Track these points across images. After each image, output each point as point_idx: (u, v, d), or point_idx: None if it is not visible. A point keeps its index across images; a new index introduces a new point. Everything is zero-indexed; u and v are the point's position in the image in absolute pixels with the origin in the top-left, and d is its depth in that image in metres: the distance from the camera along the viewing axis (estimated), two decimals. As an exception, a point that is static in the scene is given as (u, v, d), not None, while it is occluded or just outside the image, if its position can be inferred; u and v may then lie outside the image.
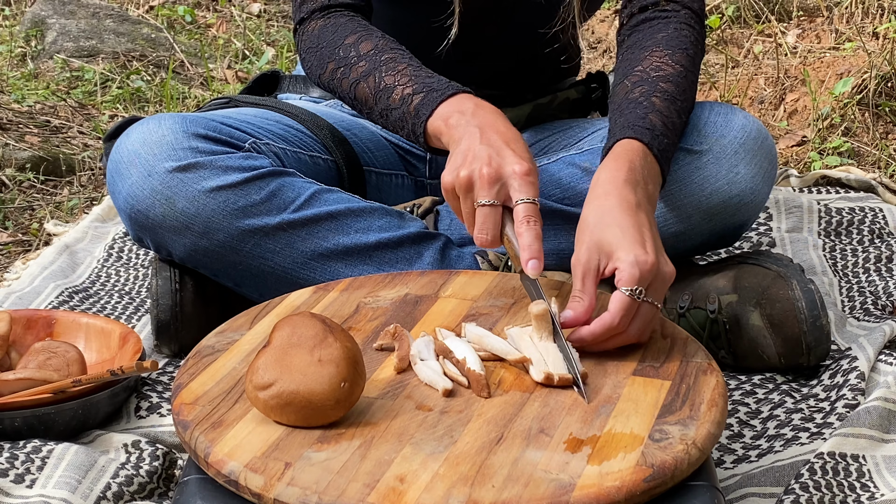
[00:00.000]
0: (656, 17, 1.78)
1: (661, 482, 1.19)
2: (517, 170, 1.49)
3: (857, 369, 1.68)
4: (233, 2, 4.14)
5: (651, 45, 1.73)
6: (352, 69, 1.73)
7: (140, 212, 1.72)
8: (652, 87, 1.66)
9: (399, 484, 1.17)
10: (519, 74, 1.99)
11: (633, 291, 1.41)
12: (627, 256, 1.42)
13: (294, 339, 1.29)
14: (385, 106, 1.69)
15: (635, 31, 1.78)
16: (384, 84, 1.69)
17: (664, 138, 1.61)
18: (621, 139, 1.58)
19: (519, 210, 1.47)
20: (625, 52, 1.77)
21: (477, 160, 1.51)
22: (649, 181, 1.55)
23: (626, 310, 1.40)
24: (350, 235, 1.75)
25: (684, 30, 1.76)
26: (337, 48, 1.76)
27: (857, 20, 3.30)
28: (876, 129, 2.85)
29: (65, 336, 1.77)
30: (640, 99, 1.65)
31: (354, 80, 1.73)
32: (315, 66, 1.79)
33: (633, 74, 1.70)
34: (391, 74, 1.69)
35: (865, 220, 2.32)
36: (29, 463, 1.47)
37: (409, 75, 1.68)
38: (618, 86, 1.70)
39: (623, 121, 1.62)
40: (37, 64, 3.54)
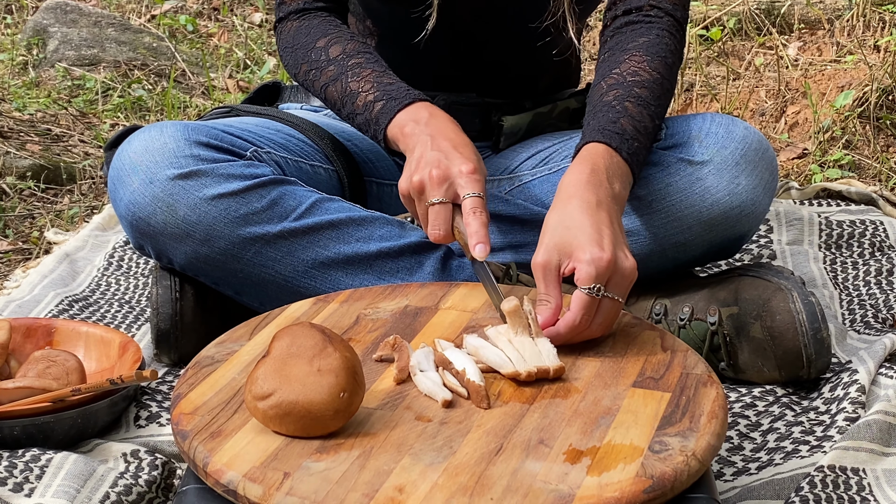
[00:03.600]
0: (639, 21, 1.80)
1: (660, 494, 1.19)
2: (463, 169, 1.60)
3: (857, 382, 1.68)
4: (234, 11, 4.15)
5: (631, 49, 1.76)
6: (322, 72, 1.81)
7: (141, 219, 1.72)
8: (626, 92, 1.70)
9: (398, 494, 1.16)
10: (518, 82, 2.00)
11: (591, 289, 1.46)
12: (584, 255, 1.48)
13: (293, 350, 1.29)
14: (350, 111, 1.78)
15: (617, 34, 1.81)
16: (349, 89, 1.77)
17: (634, 141, 1.64)
18: (588, 142, 1.63)
19: (466, 203, 1.58)
20: (605, 55, 1.79)
21: (427, 165, 1.62)
22: (615, 181, 1.59)
23: (586, 308, 1.46)
24: (351, 244, 1.75)
25: (665, 37, 1.78)
26: (309, 50, 1.83)
27: (859, 33, 3.31)
28: (877, 141, 2.85)
29: (64, 345, 1.77)
30: (614, 103, 1.68)
31: (324, 83, 1.80)
32: (291, 65, 1.87)
33: (610, 77, 1.73)
34: (356, 80, 1.77)
35: (866, 233, 2.32)
36: (28, 472, 1.47)
37: (373, 81, 1.76)
38: (595, 87, 1.74)
39: (594, 124, 1.66)
40: (38, 72, 3.54)
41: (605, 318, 1.48)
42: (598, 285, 1.47)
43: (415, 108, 1.71)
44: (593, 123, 1.66)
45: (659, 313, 1.77)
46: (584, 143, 1.64)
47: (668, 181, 1.78)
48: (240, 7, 4.18)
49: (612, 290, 1.48)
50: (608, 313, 1.48)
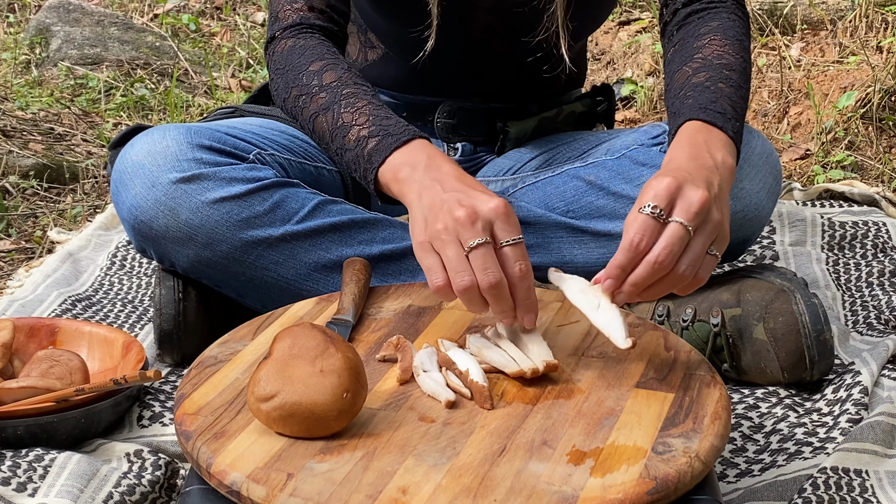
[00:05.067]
0: (704, 9, 1.77)
1: (663, 495, 1.19)
2: (493, 206, 1.40)
3: (860, 384, 1.68)
4: (237, 11, 4.15)
5: (707, 33, 1.71)
6: (312, 99, 1.65)
7: (143, 222, 1.72)
8: (717, 74, 1.62)
9: (401, 495, 1.16)
10: (525, 88, 1.99)
11: (647, 208, 1.35)
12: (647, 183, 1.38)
13: (295, 350, 1.29)
14: (340, 145, 1.61)
15: (684, 25, 1.77)
16: (341, 121, 1.61)
17: (736, 122, 1.56)
18: (691, 119, 1.54)
19: (508, 254, 1.39)
20: (678, 44, 1.74)
21: (446, 208, 1.41)
22: (717, 150, 1.49)
23: (642, 226, 1.35)
24: (353, 247, 1.75)
25: (736, 20, 1.75)
26: (301, 73, 1.68)
27: (861, 34, 3.31)
28: (879, 142, 2.85)
29: (68, 344, 1.77)
30: (707, 84, 1.60)
31: (314, 112, 1.65)
32: (281, 89, 1.71)
33: (694, 61, 1.66)
34: (349, 111, 1.61)
35: (869, 234, 2.32)
36: (31, 472, 1.47)
37: (368, 115, 1.60)
38: (676, 72, 1.66)
39: (692, 103, 1.57)
40: (41, 71, 3.54)
41: (670, 244, 1.35)
42: (654, 204, 1.35)
43: (412, 149, 1.54)
44: (690, 103, 1.57)
45: (662, 315, 1.77)
46: (686, 120, 1.54)
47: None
48: (242, 6, 4.18)
49: (676, 214, 1.36)
50: (673, 239, 1.36)
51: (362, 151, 1.57)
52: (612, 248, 1.79)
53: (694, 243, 1.38)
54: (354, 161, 1.59)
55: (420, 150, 1.53)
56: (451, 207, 1.40)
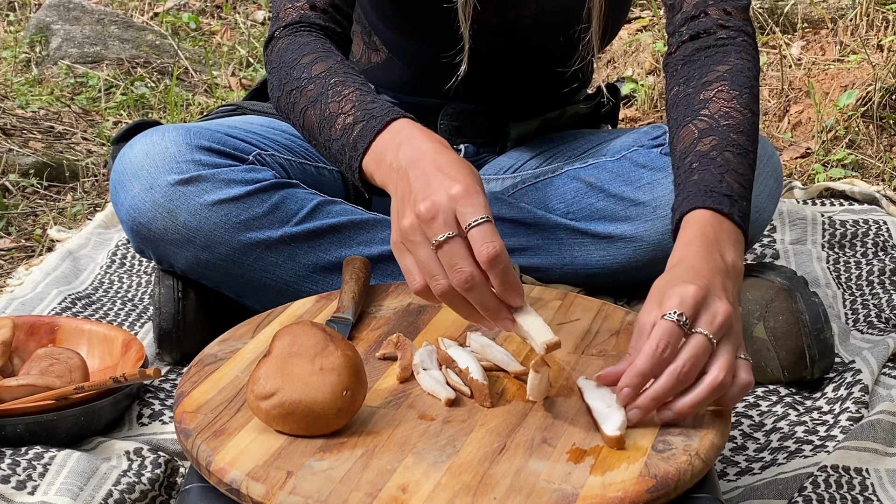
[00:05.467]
0: (711, 45, 1.64)
1: (663, 493, 1.19)
2: (453, 193, 1.30)
3: (860, 382, 1.68)
4: (237, 9, 4.15)
5: (714, 81, 1.59)
6: (302, 93, 1.58)
7: (142, 224, 1.72)
8: (724, 140, 1.50)
9: (401, 493, 1.16)
10: (530, 92, 1.99)
11: (672, 315, 1.26)
12: (671, 291, 1.29)
13: (295, 349, 1.29)
14: (328, 136, 1.54)
15: (689, 62, 1.64)
16: (328, 111, 1.53)
17: (743, 201, 1.45)
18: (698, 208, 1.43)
19: (474, 238, 1.29)
20: (683, 84, 1.61)
21: (411, 203, 1.33)
22: (727, 250, 1.39)
23: (665, 334, 1.25)
24: (353, 248, 1.75)
25: (746, 61, 1.62)
26: (293, 68, 1.61)
27: (862, 32, 3.30)
28: (880, 141, 2.85)
29: (67, 342, 1.77)
30: (713, 154, 1.49)
31: (304, 105, 1.57)
32: (275, 87, 1.64)
33: (700, 119, 1.54)
34: (336, 101, 1.53)
35: (869, 233, 2.32)
36: (31, 469, 1.47)
37: (354, 101, 1.52)
38: (682, 128, 1.55)
39: (698, 180, 1.46)
40: (41, 70, 3.54)
41: (695, 354, 1.26)
42: (681, 311, 1.26)
43: (394, 131, 1.45)
44: (695, 181, 1.46)
45: (662, 313, 1.76)
46: (692, 208, 1.43)
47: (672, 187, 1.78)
48: (242, 5, 4.18)
49: (700, 325, 1.27)
50: (697, 350, 1.26)
51: (348, 140, 1.49)
52: (611, 249, 1.80)
53: (721, 352, 1.29)
54: (341, 152, 1.51)
55: (402, 130, 1.44)
56: (415, 201, 1.33)
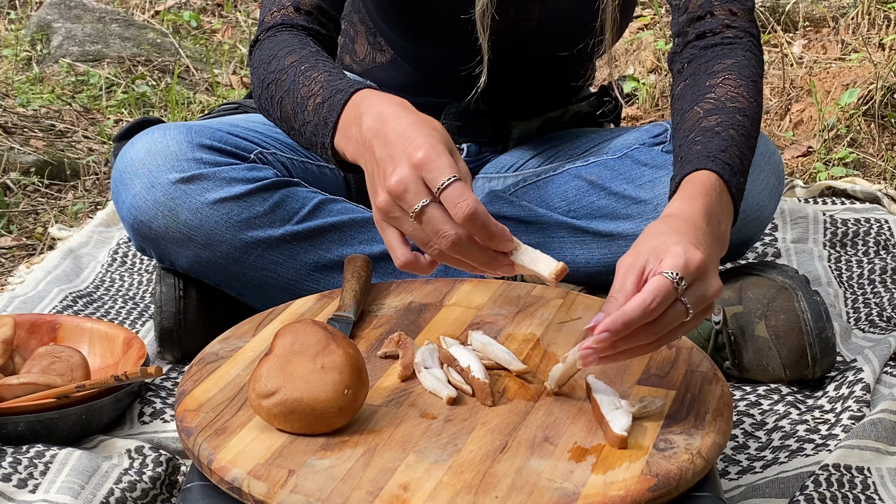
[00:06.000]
0: (719, 44, 1.65)
1: (665, 492, 1.19)
2: (416, 161, 1.29)
3: (862, 381, 1.68)
4: (238, 8, 4.15)
5: (721, 71, 1.60)
6: (277, 84, 1.56)
7: (143, 223, 1.72)
8: (729, 119, 1.52)
9: (402, 492, 1.16)
10: (534, 92, 1.99)
11: (673, 275, 1.24)
12: (677, 248, 1.26)
13: (296, 347, 1.29)
14: (301, 121, 1.51)
15: (696, 59, 1.65)
16: (299, 96, 1.52)
17: (741, 177, 1.47)
18: (700, 169, 1.44)
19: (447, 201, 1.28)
20: (689, 79, 1.63)
21: (380, 177, 1.33)
22: (723, 218, 1.40)
23: (661, 293, 1.23)
24: (354, 246, 1.75)
25: (751, 59, 1.63)
26: (269, 63, 1.60)
27: (864, 31, 3.30)
28: (881, 140, 2.85)
29: (69, 341, 1.77)
30: (718, 129, 1.50)
31: (279, 96, 1.56)
32: (255, 86, 1.63)
33: (706, 101, 1.55)
34: (306, 85, 1.52)
35: (871, 232, 2.31)
36: (32, 468, 1.47)
37: (322, 82, 1.50)
38: (687, 112, 1.56)
39: (700, 149, 1.47)
40: (42, 68, 3.54)
41: (669, 323, 1.25)
42: (681, 275, 1.24)
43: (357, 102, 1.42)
44: (699, 149, 1.47)
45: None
46: (694, 169, 1.44)
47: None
48: (243, 3, 4.18)
49: (689, 295, 1.25)
50: (673, 318, 1.25)
51: (319, 119, 1.47)
52: (612, 248, 1.79)
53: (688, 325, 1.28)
54: (314, 132, 1.48)
55: (362, 100, 1.42)
56: (383, 175, 1.32)
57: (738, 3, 1.68)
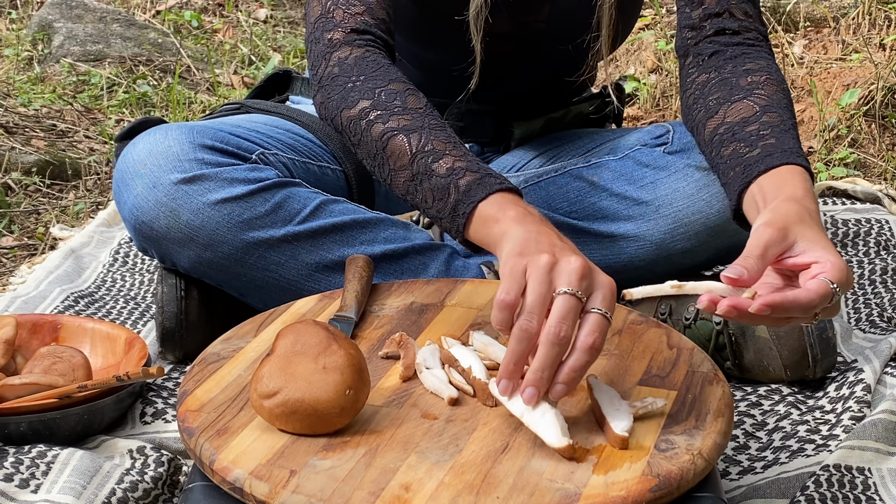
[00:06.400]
0: (741, 42, 1.68)
1: (666, 492, 1.19)
2: (604, 280, 1.29)
3: (863, 381, 1.68)
4: (239, 7, 4.15)
5: (759, 70, 1.63)
6: (392, 118, 1.55)
7: (144, 223, 1.72)
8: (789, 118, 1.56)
9: (404, 492, 1.16)
10: (537, 94, 1.99)
11: (835, 288, 1.29)
12: (833, 257, 1.31)
13: (298, 347, 1.29)
14: (423, 169, 1.50)
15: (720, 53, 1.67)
16: (432, 146, 1.51)
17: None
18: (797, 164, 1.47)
19: (591, 321, 1.26)
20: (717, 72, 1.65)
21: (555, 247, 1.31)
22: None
23: (824, 298, 1.28)
24: (355, 247, 1.75)
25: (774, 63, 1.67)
26: (378, 90, 1.58)
27: (864, 31, 3.30)
28: (882, 140, 2.85)
29: (70, 341, 1.77)
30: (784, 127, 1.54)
31: (392, 129, 1.54)
32: (338, 98, 1.61)
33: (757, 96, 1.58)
34: (441, 141, 1.51)
35: (871, 232, 2.32)
36: (34, 468, 1.47)
37: (462, 150, 1.51)
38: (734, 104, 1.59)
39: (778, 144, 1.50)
40: (43, 68, 3.54)
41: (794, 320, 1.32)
42: (839, 287, 1.30)
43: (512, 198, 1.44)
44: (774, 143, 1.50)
45: (664, 313, 1.77)
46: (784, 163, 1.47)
47: (676, 186, 1.78)
48: (244, 3, 4.18)
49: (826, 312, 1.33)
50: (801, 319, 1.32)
51: (456, 181, 1.46)
52: (614, 249, 1.80)
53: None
54: (442, 189, 1.48)
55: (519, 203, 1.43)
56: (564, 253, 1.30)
57: (751, 5, 1.71)
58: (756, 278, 1.29)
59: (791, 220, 1.34)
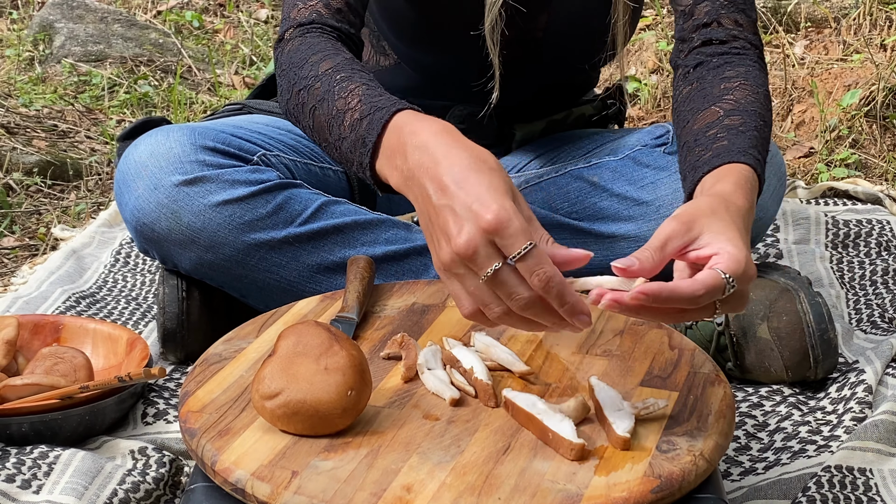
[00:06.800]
0: (727, 52, 1.66)
1: (668, 493, 1.19)
2: (487, 224, 1.20)
3: (864, 382, 1.68)
4: (240, 8, 4.15)
5: (735, 77, 1.60)
6: (310, 92, 1.50)
7: (146, 224, 1.72)
8: (752, 121, 1.52)
9: (406, 493, 1.16)
10: (539, 97, 1.98)
11: (728, 279, 1.23)
12: (732, 248, 1.25)
13: (299, 348, 1.29)
14: (337, 136, 1.45)
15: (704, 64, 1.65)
16: (335, 109, 1.45)
17: (763, 177, 1.47)
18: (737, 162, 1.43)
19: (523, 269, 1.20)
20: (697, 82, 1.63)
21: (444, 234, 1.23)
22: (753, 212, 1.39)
23: (711, 290, 1.21)
24: (356, 248, 1.75)
25: (760, 72, 1.64)
26: (301, 68, 1.53)
27: (865, 32, 3.30)
28: (883, 141, 2.85)
29: (72, 341, 1.77)
30: (742, 128, 1.50)
31: (312, 105, 1.49)
32: (284, 90, 1.57)
33: (725, 102, 1.55)
34: (342, 97, 1.45)
35: (873, 233, 2.32)
36: (36, 468, 1.47)
37: (360, 95, 1.43)
38: (702, 111, 1.56)
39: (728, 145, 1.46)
40: (44, 68, 3.54)
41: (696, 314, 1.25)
42: (734, 279, 1.23)
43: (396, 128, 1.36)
44: (725, 145, 1.46)
45: (666, 313, 1.76)
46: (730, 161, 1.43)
47: (676, 187, 1.78)
48: (245, 3, 4.18)
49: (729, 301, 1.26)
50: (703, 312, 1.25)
51: (358, 137, 1.40)
52: (615, 250, 1.80)
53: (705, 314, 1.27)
54: (351, 150, 1.42)
55: (405, 126, 1.34)
56: (447, 230, 1.23)
57: (744, 15, 1.68)
58: (653, 270, 1.24)
59: (700, 213, 1.29)
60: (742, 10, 1.67)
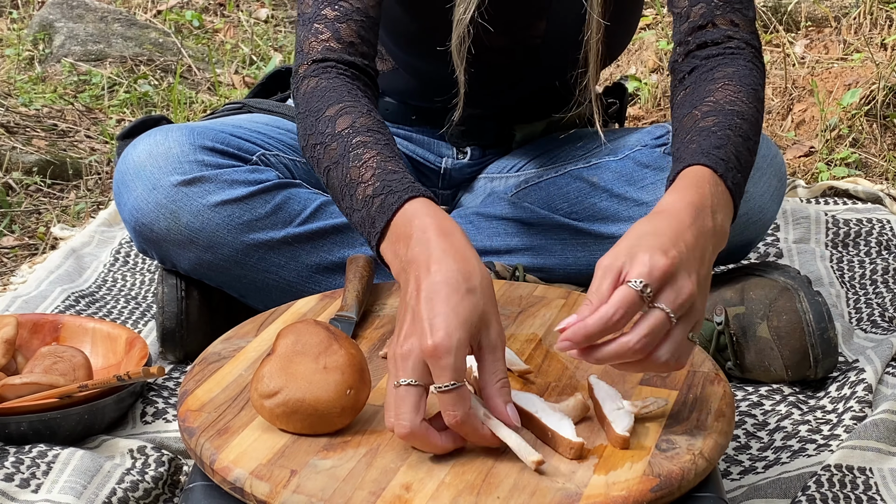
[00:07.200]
0: (720, 54, 1.63)
1: (667, 492, 1.19)
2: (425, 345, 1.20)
3: (864, 381, 1.68)
4: (240, 7, 4.15)
5: (721, 78, 1.58)
6: (326, 150, 1.48)
7: (144, 225, 1.72)
8: (726, 120, 1.48)
9: (405, 492, 1.16)
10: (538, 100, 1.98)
11: (637, 283, 1.21)
12: (643, 256, 1.24)
13: (298, 347, 1.29)
14: (349, 205, 1.44)
15: (698, 69, 1.62)
16: (349, 177, 1.43)
17: (738, 173, 1.42)
18: (693, 165, 1.40)
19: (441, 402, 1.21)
20: (689, 87, 1.61)
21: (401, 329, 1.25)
22: (718, 211, 1.36)
23: (625, 303, 1.21)
24: (355, 248, 1.75)
25: (752, 69, 1.61)
26: (318, 120, 1.51)
27: (866, 31, 3.30)
28: (884, 140, 2.85)
29: (71, 341, 1.77)
30: (714, 129, 1.46)
31: (326, 165, 1.48)
32: (301, 136, 1.55)
33: (704, 104, 1.52)
34: (356, 166, 1.43)
35: (873, 232, 2.31)
36: (34, 468, 1.47)
37: (374, 168, 1.42)
38: (685, 116, 1.53)
39: (695, 147, 1.43)
40: (44, 67, 3.54)
41: (652, 332, 1.22)
42: (646, 283, 1.22)
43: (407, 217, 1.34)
44: (694, 147, 1.43)
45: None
46: (686, 166, 1.40)
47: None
48: (245, 3, 4.18)
49: (663, 300, 1.23)
50: (655, 328, 1.22)
51: (368, 214, 1.40)
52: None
53: (676, 332, 1.24)
54: (361, 224, 1.41)
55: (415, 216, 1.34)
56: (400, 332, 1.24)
57: (740, 14, 1.65)
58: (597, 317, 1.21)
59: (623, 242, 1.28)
60: (738, 9, 1.65)
